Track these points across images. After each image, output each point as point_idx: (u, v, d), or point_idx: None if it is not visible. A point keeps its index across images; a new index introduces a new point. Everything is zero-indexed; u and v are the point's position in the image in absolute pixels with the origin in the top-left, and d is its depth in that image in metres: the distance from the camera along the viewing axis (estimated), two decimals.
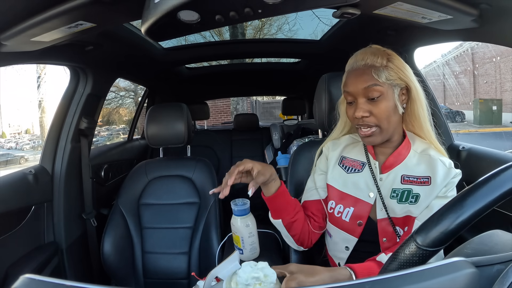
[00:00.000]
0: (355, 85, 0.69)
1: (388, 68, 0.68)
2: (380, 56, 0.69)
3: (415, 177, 0.71)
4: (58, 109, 1.23)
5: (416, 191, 0.70)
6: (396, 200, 0.71)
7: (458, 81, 10.71)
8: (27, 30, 0.69)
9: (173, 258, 1.19)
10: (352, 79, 0.70)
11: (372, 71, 0.68)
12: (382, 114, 0.68)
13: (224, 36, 1.89)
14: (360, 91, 0.69)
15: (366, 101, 0.69)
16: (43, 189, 1.14)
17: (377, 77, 0.67)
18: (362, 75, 0.69)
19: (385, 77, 0.68)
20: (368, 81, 0.68)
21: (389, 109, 0.68)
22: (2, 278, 0.93)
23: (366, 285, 0.28)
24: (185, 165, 1.29)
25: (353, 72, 0.71)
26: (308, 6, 0.63)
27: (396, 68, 0.69)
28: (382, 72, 0.68)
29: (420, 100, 0.71)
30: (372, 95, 0.68)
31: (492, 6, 0.65)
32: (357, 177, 0.77)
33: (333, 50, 1.57)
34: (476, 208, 0.34)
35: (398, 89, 0.70)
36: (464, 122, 9.18)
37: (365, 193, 0.74)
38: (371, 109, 0.69)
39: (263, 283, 0.48)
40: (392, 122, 0.70)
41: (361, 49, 0.73)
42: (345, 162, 0.80)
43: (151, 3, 0.56)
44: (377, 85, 0.67)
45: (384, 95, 0.68)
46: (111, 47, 1.15)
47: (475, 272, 0.28)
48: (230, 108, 7.41)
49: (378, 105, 0.68)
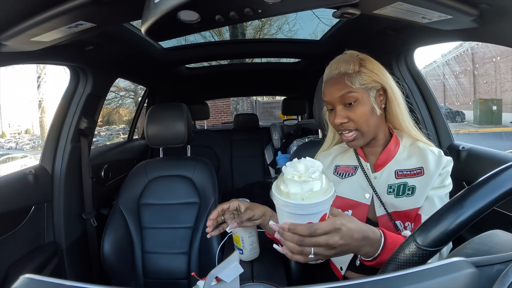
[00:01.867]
0: (331, 94, 0.73)
1: (361, 73, 0.71)
2: (352, 62, 0.72)
3: (408, 170, 0.73)
4: (58, 109, 1.23)
5: (412, 183, 0.72)
6: (393, 195, 0.72)
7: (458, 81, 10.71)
8: (27, 30, 0.69)
9: (173, 258, 1.19)
10: (328, 88, 0.74)
11: (345, 79, 0.71)
12: (359, 118, 0.71)
13: (224, 36, 1.89)
14: (336, 99, 0.72)
15: (343, 107, 0.72)
16: (43, 189, 1.14)
17: (350, 84, 0.70)
18: (337, 84, 0.72)
19: (359, 82, 0.71)
20: (342, 89, 0.71)
21: (366, 113, 0.71)
22: (2, 278, 0.93)
23: (366, 285, 0.28)
24: (185, 165, 1.29)
25: (329, 81, 0.75)
26: (308, 6, 0.63)
27: (369, 71, 0.72)
28: (355, 78, 0.71)
29: (396, 100, 0.74)
30: (348, 101, 0.71)
31: (492, 6, 0.65)
32: (351, 180, 0.78)
33: (333, 50, 1.56)
34: (476, 208, 0.34)
35: (374, 91, 0.72)
36: (464, 122, 9.17)
37: (361, 195, 0.75)
38: (348, 114, 0.72)
39: (304, 176, 0.48)
40: (372, 124, 0.73)
41: (336, 58, 0.77)
42: (339, 170, 0.82)
43: (151, 3, 0.56)
44: (352, 92, 0.70)
45: (359, 100, 0.71)
46: (111, 47, 1.15)
47: (475, 272, 0.28)
48: (230, 108, 7.41)
49: (355, 110, 0.71)
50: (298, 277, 0.95)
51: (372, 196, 0.74)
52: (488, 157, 0.96)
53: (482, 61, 9.82)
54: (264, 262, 0.94)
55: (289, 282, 0.90)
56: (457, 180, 0.95)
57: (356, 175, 0.78)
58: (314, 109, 1.02)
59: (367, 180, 0.75)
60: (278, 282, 0.84)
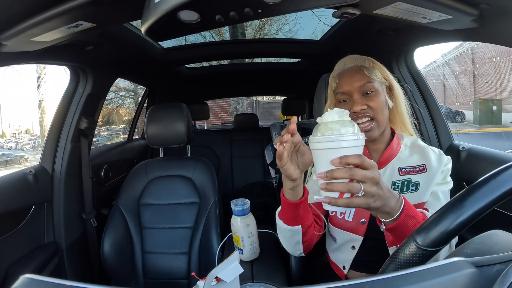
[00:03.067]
0: (350, 84, 0.75)
1: (375, 68, 0.76)
2: (366, 59, 0.78)
3: (411, 167, 0.75)
4: (58, 109, 1.23)
5: (415, 179, 0.73)
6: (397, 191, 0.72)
7: (458, 81, 10.70)
8: (27, 30, 0.69)
9: (173, 258, 1.19)
10: (346, 79, 0.76)
11: (364, 70, 0.75)
12: (378, 106, 0.73)
13: (224, 36, 1.89)
14: (355, 88, 0.74)
15: (361, 96, 0.74)
16: (43, 189, 1.14)
17: (369, 75, 0.74)
18: (356, 74, 0.75)
19: (375, 75, 0.75)
20: (363, 79, 0.74)
21: (383, 103, 0.75)
22: (2, 278, 0.93)
23: (366, 285, 0.28)
24: (185, 165, 1.29)
25: (346, 73, 0.77)
26: (308, 6, 0.63)
27: (380, 69, 0.77)
28: (372, 71, 0.75)
29: (401, 98, 0.79)
30: (368, 90, 0.74)
31: (492, 6, 0.65)
32: None
33: (333, 50, 1.57)
34: (476, 208, 0.34)
35: (384, 86, 0.77)
36: (464, 122, 9.17)
37: None
38: (367, 102, 0.73)
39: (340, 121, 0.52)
40: (385, 115, 0.76)
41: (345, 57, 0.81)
42: None
43: (151, 3, 0.56)
44: (371, 82, 0.74)
45: (377, 90, 0.74)
46: (111, 47, 1.15)
47: (475, 272, 0.28)
48: (230, 108, 7.41)
49: (373, 98, 0.74)
50: (298, 277, 0.95)
51: None
52: (488, 157, 0.96)
53: (482, 61, 9.82)
54: (264, 262, 0.94)
55: (289, 282, 0.90)
56: (457, 180, 0.94)
57: None
58: (314, 109, 1.02)
59: None
60: (278, 282, 0.84)
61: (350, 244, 0.79)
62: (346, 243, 0.79)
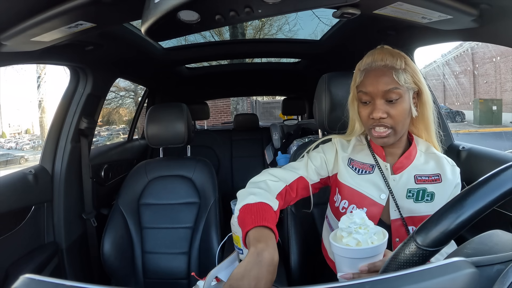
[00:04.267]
0: (375, 86, 0.68)
1: (406, 71, 0.68)
2: (398, 58, 0.69)
3: (426, 176, 0.73)
4: (58, 109, 1.23)
5: (430, 189, 0.72)
6: (412, 199, 0.71)
7: (458, 81, 10.71)
8: (27, 30, 0.69)
9: (173, 258, 1.19)
10: (372, 79, 0.69)
11: (393, 73, 0.67)
12: (399, 116, 0.68)
13: (224, 36, 1.89)
14: (380, 92, 0.68)
15: (384, 102, 0.69)
16: (43, 189, 1.14)
17: (397, 79, 0.67)
18: (383, 77, 0.68)
19: (404, 80, 0.68)
20: (389, 84, 0.67)
21: (406, 112, 0.69)
22: (2, 278, 0.93)
23: (366, 285, 0.28)
24: (185, 165, 1.29)
25: (372, 72, 0.70)
26: (308, 6, 0.63)
27: (412, 71, 0.69)
28: (401, 74, 0.67)
29: (429, 104, 0.72)
30: (392, 97, 0.67)
31: (492, 6, 0.65)
32: (368, 178, 0.76)
33: (333, 50, 1.57)
34: (476, 208, 0.34)
35: (412, 92, 0.70)
36: (464, 122, 9.18)
37: (377, 194, 0.74)
38: (388, 110, 0.68)
39: (362, 226, 0.53)
40: (405, 125, 0.71)
41: (377, 49, 0.72)
42: (353, 163, 0.79)
43: (151, 3, 0.56)
44: (398, 88, 0.67)
45: (402, 97, 0.68)
46: (111, 47, 1.15)
47: (475, 272, 0.28)
48: (230, 108, 7.41)
49: (396, 107, 0.68)
50: (298, 277, 0.95)
51: (388, 197, 0.73)
52: (488, 157, 0.96)
53: (482, 61, 9.82)
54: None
55: (289, 282, 0.90)
56: None
57: (374, 174, 0.76)
58: (314, 109, 1.02)
59: (385, 180, 0.74)
60: (278, 282, 0.84)
61: None
62: None
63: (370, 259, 0.53)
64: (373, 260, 0.53)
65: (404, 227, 0.71)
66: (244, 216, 0.62)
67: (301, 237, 0.98)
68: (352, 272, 0.53)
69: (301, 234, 0.98)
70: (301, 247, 0.97)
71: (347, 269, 0.54)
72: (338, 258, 0.55)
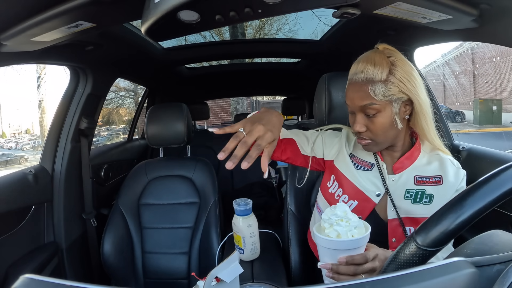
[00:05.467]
0: (352, 101, 0.69)
1: (388, 83, 0.65)
2: (381, 68, 0.65)
3: (427, 177, 0.72)
4: (58, 109, 1.23)
5: (430, 191, 0.71)
6: (410, 200, 0.71)
7: (458, 81, 10.71)
8: (27, 30, 0.68)
9: (173, 258, 1.19)
10: (350, 93, 0.70)
11: (369, 88, 0.65)
12: (378, 130, 0.68)
13: (224, 36, 1.89)
14: (357, 107, 0.69)
15: (363, 116, 0.69)
16: (43, 189, 1.14)
17: (373, 94, 0.65)
18: (359, 92, 0.67)
19: (382, 94, 0.65)
20: (364, 100, 0.67)
21: (386, 126, 0.68)
22: (2, 278, 0.93)
23: (366, 285, 0.28)
24: (185, 165, 1.29)
25: (351, 86, 0.70)
26: (308, 6, 0.63)
27: (398, 81, 0.66)
28: (380, 88, 0.65)
29: (423, 113, 0.69)
30: (368, 113, 0.68)
31: (492, 6, 0.65)
32: (366, 175, 0.76)
33: (333, 50, 1.57)
34: (476, 208, 0.34)
35: (399, 102, 0.67)
36: (464, 122, 9.18)
37: (372, 192, 0.74)
38: (367, 124, 0.69)
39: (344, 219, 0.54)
40: (390, 136, 0.70)
41: (366, 54, 0.70)
42: (354, 159, 0.79)
43: (151, 3, 0.56)
44: (373, 104, 0.66)
45: (381, 112, 0.67)
46: (111, 47, 1.15)
47: (475, 272, 0.28)
48: (230, 108, 7.41)
49: (374, 122, 0.68)
50: (298, 277, 0.95)
51: (383, 196, 0.73)
52: (488, 157, 0.96)
53: (482, 61, 9.82)
54: (264, 262, 0.94)
55: (289, 282, 0.90)
56: None
57: (373, 171, 0.76)
58: (314, 109, 1.02)
59: (382, 179, 0.74)
60: (278, 282, 0.84)
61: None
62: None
63: (350, 251, 0.54)
64: (353, 253, 0.54)
65: (401, 227, 0.71)
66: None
67: (301, 237, 0.98)
68: (332, 263, 0.55)
69: (301, 234, 0.98)
70: (301, 247, 0.97)
71: (327, 259, 0.56)
72: (320, 248, 0.57)
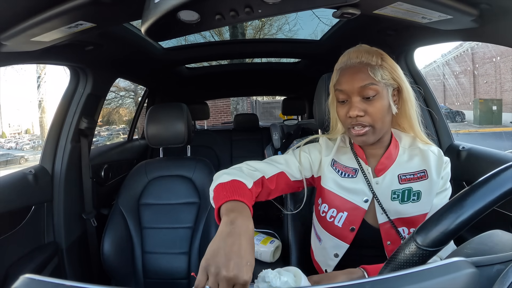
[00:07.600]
0: (351, 83, 0.67)
1: (383, 67, 0.67)
2: (374, 55, 0.68)
3: (411, 174, 0.71)
4: (58, 109, 1.23)
5: (416, 188, 0.70)
6: (398, 201, 0.70)
7: (458, 81, 10.70)
8: (27, 30, 0.69)
9: (173, 258, 1.19)
10: (347, 77, 0.68)
11: (368, 69, 0.66)
12: (377, 113, 0.66)
13: (224, 36, 1.89)
14: (355, 89, 0.67)
15: (361, 100, 0.67)
16: (43, 189, 1.14)
17: (373, 75, 0.66)
18: (358, 73, 0.67)
19: (381, 76, 0.66)
20: (365, 80, 0.66)
21: (384, 109, 0.67)
22: (2, 278, 0.93)
23: (366, 285, 0.28)
24: (185, 165, 1.29)
25: (348, 69, 0.69)
26: (308, 6, 0.63)
27: (390, 68, 0.68)
28: (377, 70, 0.66)
29: (411, 101, 0.71)
30: (368, 94, 0.66)
31: (492, 6, 0.65)
32: (351, 183, 0.74)
33: (333, 50, 1.57)
34: (476, 208, 0.34)
35: (391, 89, 0.69)
36: (464, 122, 9.17)
37: (360, 199, 0.73)
38: (366, 108, 0.67)
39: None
40: (386, 122, 0.69)
41: (353, 48, 0.72)
42: (336, 165, 0.77)
43: (151, 3, 0.56)
44: (374, 84, 0.66)
45: (379, 94, 0.66)
46: (111, 47, 1.15)
47: (475, 272, 0.28)
48: (230, 108, 7.40)
49: (374, 104, 0.66)
50: None
51: (371, 201, 0.72)
52: (488, 157, 0.96)
53: (482, 61, 9.82)
54: (264, 262, 0.94)
55: None
56: (457, 180, 0.95)
57: (357, 178, 0.74)
58: (314, 109, 1.02)
59: (368, 184, 0.72)
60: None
61: (333, 252, 0.76)
62: (329, 249, 0.76)
63: None
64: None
65: (394, 229, 0.70)
66: (217, 194, 0.60)
67: (301, 237, 0.98)
68: None
69: (301, 234, 0.98)
70: (301, 247, 0.97)
71: None
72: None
